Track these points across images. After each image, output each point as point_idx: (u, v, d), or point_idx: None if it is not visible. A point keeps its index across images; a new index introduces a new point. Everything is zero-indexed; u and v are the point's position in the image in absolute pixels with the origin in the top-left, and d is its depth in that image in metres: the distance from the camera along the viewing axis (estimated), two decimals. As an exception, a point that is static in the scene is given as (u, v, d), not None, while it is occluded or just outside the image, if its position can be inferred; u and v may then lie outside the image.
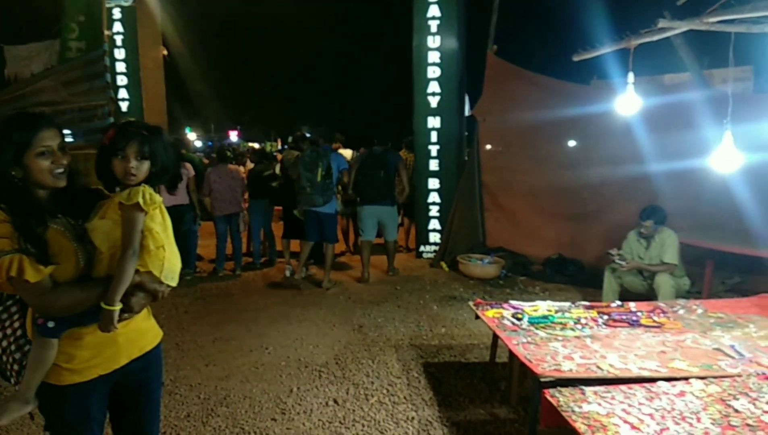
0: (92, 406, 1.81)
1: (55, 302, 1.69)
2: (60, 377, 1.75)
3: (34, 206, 1.70)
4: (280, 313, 5.68)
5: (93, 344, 1.77)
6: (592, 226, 7.03)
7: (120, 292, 1.70)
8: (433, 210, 8.12)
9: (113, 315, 1.69)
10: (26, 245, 1.63)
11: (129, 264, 1.70)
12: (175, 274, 1.85)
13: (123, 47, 9.12)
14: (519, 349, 3.13)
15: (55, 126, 1.73)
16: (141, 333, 1.93)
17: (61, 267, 1.70)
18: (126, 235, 1.70)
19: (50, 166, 1.70)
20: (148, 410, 2.02)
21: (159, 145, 1.79)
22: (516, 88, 7.51)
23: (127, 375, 1.90)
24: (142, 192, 1.72)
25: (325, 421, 3.43)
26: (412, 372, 4.14)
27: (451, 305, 5.88)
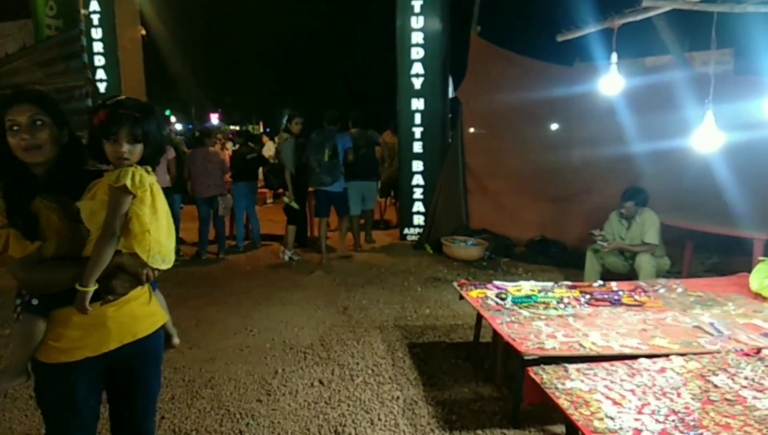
0: (79, 387, 1.77)
1: (36, 279, 1.69)
2: (48, 355, 1.75)
3: (23, 182, 1.70)
4: (264, 296, 5.66)
5: (81, 325, 1.73)
6: (574, 208, 7.09)
7: (94, 274, 1.65)
8: (417, 192, 8.10)
9: (86, 296, 1.65)
10: (14, 219, 1.63)
11: (106, 245, 1.65)
12: (166, 257, 1.79)
13: (100, 26, 8.91)
14: (503, 328, 3.17)
15: (29, 101, 1.69)
16: (135, 318, 1.86)
17: (50, 244, 1.70)
18: (108, 215, 1.65)
19: (19, 142, 1.67)
20: (142, 398, 1.96)
21: (152, 126, 1.72)
22: (499, 70, 7.49)
23: (119, 360, 1.85)
24: (132, 173, 1.66)
25: (311, 401, 3.44)
26: (397, 352, 4.16)
27: (435, 287, 5.91)
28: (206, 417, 3.27)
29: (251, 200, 7.93)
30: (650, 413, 2.18)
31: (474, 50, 7.57)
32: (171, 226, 1.84)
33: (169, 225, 1.82)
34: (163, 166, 6.59)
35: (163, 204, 1.80)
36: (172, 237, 1.84)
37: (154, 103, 1.88)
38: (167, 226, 1.81)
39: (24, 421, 3.23)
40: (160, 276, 1.86)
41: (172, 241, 1.84)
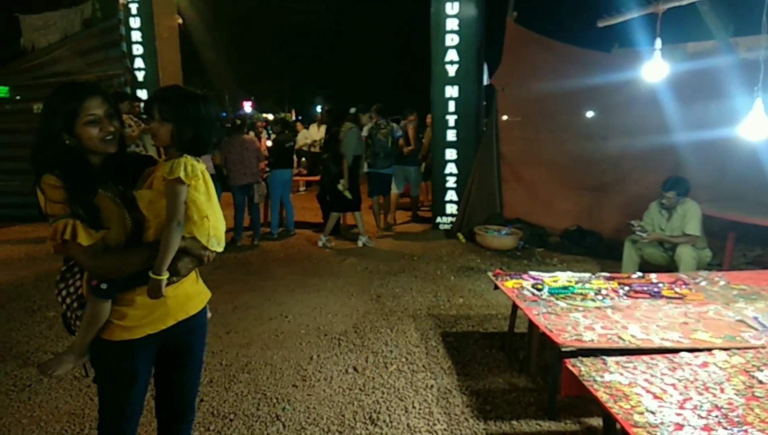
0: (139, 363, 1.88)
1: (105, 265, 1.77)
2: (112, 333, 1.83)
3: (85, 173, 1.76)
4: (298, 283, 5.73)
5: (144, 305, 1.83)
6: (611, 197, 6.95)
7: (166, 262, 1.76)
8: (450, 181, 8.06)
9: (161, 284, 1.76)
10: (78, 210, 1.70)
11: (173, 235, 1.75)
12: (220, 239, 1.91)
13: (138, 16, 9.04)
14: (539, 319, 3.13)
15: (99, 94, 1.77)
16: (188, 297, 1.98)
17: (111, 231, 1.78)
18: (169, 207, 1.75)
19: (98, 134, 1.75)
20: (189, 373, 2.06)
21: (190, 110, 1.78)
22: (536, 56, 7.36)
23: (173, 336, 1.95)
24: (184, 164, 1.75)
25: (345, 387, 3.48)
26: (430, 341, 4.17)
27: (468, 276, 5.88)
28: (243, 401, 3.33)
29: (287, 188, 8.00)
30: (692, 408, 2.14)
31: (510, 36, 7.45)
32: (221, 211, 1.95)
33: (220, 210, 1.94)
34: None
35: (213, 189, 1.90)
36: (223, 221, 1.95)
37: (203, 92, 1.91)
38: (220, 212, 1.93)
39: (69, 401, 3.35)
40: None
41: (223, 224, 1.95)
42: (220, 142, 1.93)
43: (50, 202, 1.70)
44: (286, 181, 7.98)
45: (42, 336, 4.33)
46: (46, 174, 1.71)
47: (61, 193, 1.70)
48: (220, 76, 28.97)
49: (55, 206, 1.70)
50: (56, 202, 1.70)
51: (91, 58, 8.70)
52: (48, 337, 4.31)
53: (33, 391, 3.46)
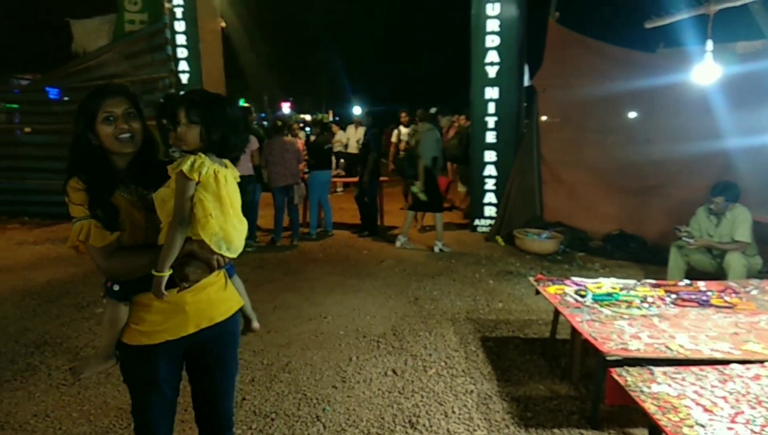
0: (161, 368, 1.87)
1: (116, 266, 1.77)
2: (131, 337, 1.84)
3: (105, 173, 1.79)
4: (337, 283, 5.77)
5: (161, 310, 1.81)
6: (656, 201, 6.78)
7: (167, 260, 1.69)
8: (489, 183, 7.99)
9: (161, 281, 1.69)
10: (97, 211, 1.73)
11: (175, 232, 1.69)
12: (231, 244, 1.78)
13: (183, 19, 9.26)
14: (583, 326, 3.08)
15: (122, 94, 1.79)
16: (212, 303, 1.93)
17: (128, 234, 1.78)
18: (174, 203, 1.70)
19: (113, 131, 1.76)
20: (220, 381, 2.02)
21: (216, 112, 1.75)
22: (578, 57, 7.24)
23: (198, 343, 1.93)
24: (193, 160, 1.69)
25: (385, 390, 3.49)
26: (469, 345, 4.14)
27: (508, 280, 5.83)
28: (284, 400, 3.38)
29: (325, 189, 8.07)
30: (744, 423, 2.07)
31: (552, 37, 7.35)
32: (241, 216, 1.84)
33: (238, 214, 1.82)
34: (247, 155, 6.81)
35: (233, 193, 1.81)
36: (242, 226, 1.84)
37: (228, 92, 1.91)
38: (236, 215, 1.81)
39: (117, 395, 3.45)
40: (238, 261, 1.90)
41: (240, 230, 1.83)
42: (246, 143, 1.89)
43: (72, 205, 1.75)
44: (325, 183, 8.06)
45: (91, 332, 4.47)
46: (72, 177, 1.76)
47: (82, 196, 1.74)
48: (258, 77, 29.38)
49: (76, 208, 1.75)
50: (77, 205, 1.74)
51: (138, 61, 8.96)
52: (96, 332, 4.44)
53: (82, 385, 3.57)
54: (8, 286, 5.67)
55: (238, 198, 1.84)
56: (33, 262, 6.58)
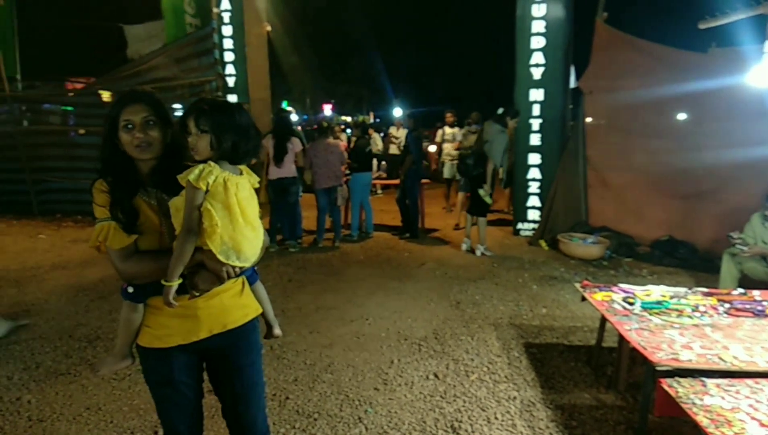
0: (175, 371, 1.89)
1: (131, 269, 1.80)
2: (145, 339, 1.89)
3: (129, 177, 1.82)
4: (378, 285, 5.79)
5: (173, 314, 1.81)
6: (707, 207, 6.56)
7: (176, 269, 1.70)
8: (533, 186, 7.89)
9: (169, 290, 1.70)
10: (117, 213, 1.77)
11: (183, 241, 1.70)
12: (241, 253, 1.75)
13: (230, 24, 9.46)
14: (632, 335, 3.00)
15: (143, 101, 1.80)
16: (225, 309, 1.91)
17: (146, 238, 1.81)
18: (184, 212, 1.71)
19: (131, 140, 1.78)
20: (241, 388, 1.99)
21: (225, 120, 1.74)
22: (626, 58, 7.08)
23: (211, 349, 1.94)
24: (201, 169, 1.68)
25: (426, 394, 3.48)
26: (512, 351, 4.09)
27: (552, 285, 5.73)
28: (327, 401, 3.41)
29: (366, 191, 8.11)
30: (804, 440, 1.99)
31: (599, 37, 7.21)
32: (254, 224, 1.81)
33: (251, 222, 1.79)
34: (290, 157, 6.91)
35: (246, 201, 1.78)
36: (255, 235, 1.81)
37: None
38: (248, 224, 1.78)
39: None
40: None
41: (252, 239, 1.80)
42: (257, 149, 1.86)
43: (96, 206, 1.80)
44: (366, 185, 8.10)
45: (117, 330, 4.59)
46: (99, 179, 1.82)
47: (105, 198, 1.79)
48: (300, 79, 29.71)
49: (99, 209, 1.80)
50: (100, 206, 1.80)
51: (186, 65, 9.18)
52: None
53: (132, 380, 3.68)
54: (63, 282, 5.90)
55: (254, 205, 1.83)
56: (86, 260, 6.82)
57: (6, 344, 4.27)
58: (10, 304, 5.19)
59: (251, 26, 9.73)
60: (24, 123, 10.38)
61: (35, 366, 3.91)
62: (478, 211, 6.98)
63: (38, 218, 9.62)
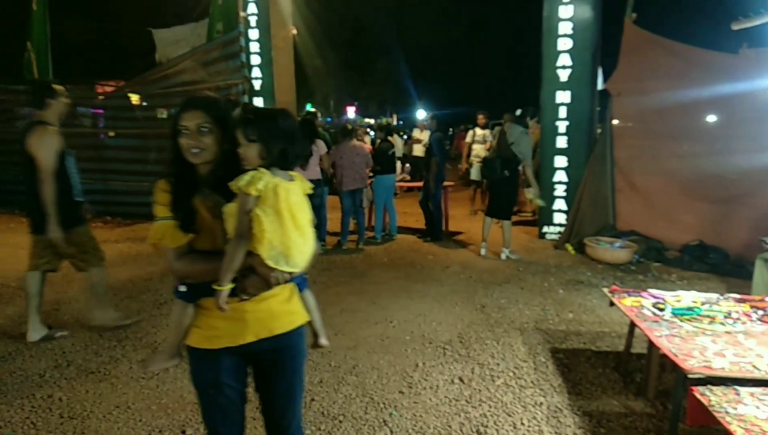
0: (221, 372, 1.91)
1: (184, 268, 1.85)
2: (194, 340, 1.91)
3: (188, 178, 1.87)
4: (402, 288, 5.78)
5: (221, 316, 1.81)
6: (739, 211, 6.42)
7: (227, 274, 1.72)
8: (559, 189, 7.80)
9: (220, 294, 1.73)
10: (176, 213, 1.82)
11: (234, 246, 1.72)
12: (290, 258, 1.75)
13: (257, 27, 9.54)
14: (662, 341, 2.95)
15: (199, 108, 1.84)
16: (272, 314, 1.92)
17: (201, 238, 1.85)
18: (236, 218, 1.73)
19: (185, 144, 1.82)
20: (278, 393, 2.02)
21: (270, 128, 1.78)
22: (655, 59, 6.97)
23: (256, 353, 1.95)
24: (251, 175, 1.72)
25: (452, 398, 3.46)
26: (539, 356, 4.05)
27: (578, 290, 5.66)
28: (351, 403, 3.41)
29: (390, 193, 8.12)
30: (844, 452, 1.93)
31: (628, 38, 7.12)
32: (304, 230, 1.82)
33: (301, 228, 1.80)
34: (315, 159, 6.95)
35: (296, 207, 1.79)
36: (305, 241, 1.82)
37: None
38: (298, 229, 1.78)
39: (193, 391, 3.52)
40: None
41: (301, 244, 1.80)
42: (306, 152, 1.89)
43: (156, 204, 1.86)
44: (390, 187, 8.10)
45: (168, 328, 4.66)
46: (162, 179, 1.87)
47: (165, 197, 1.85)
48: (325, 81, 29.89)
49: (159, 208, 1.85)
50: (160, 205, 1.85)
51: (213, 69, 9.29)
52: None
53: (160, 379, 3.74)
54: (93, 281, 6.01)
55: (305, 211, 1.83)
56: (115, 260, 6.93)
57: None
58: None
59: (277, 30, 9.80)
60: (56, 125, 10.61)
61: (66, 364, 3.99)
62: (502, 213, 6.92)
63: (69, 219, 9.82)
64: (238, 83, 8.86)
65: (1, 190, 10.92)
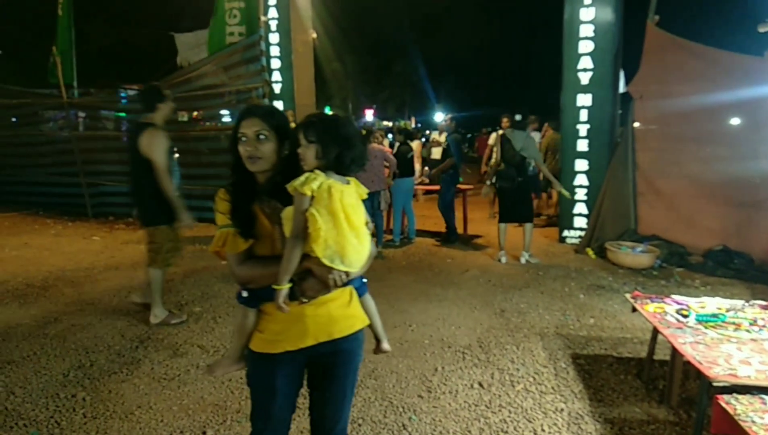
0: (279, 378, 1.93)
1: (245, 273, 1.89)
2: (256, 344, 1.95)
3: (247, 185, 1.92)
4: (420, 291, 5.77)
5: (282, 320, 1.85)
6: (764, 216, 6.32)
7: (285, 274, 1.75)
8: (579, 193, 7.73)
9: (279, 293, 1.76)
10: (235, 220, 1.87)
11: (291, 246, 1.76)
12: (346, 258, 1.77)
13: (277, 32, 9.61)
14: (686, 349, 2.91)
15: (257, 115, 1.89)
16: (332, 318, 1.94)
17: (261, 243, 1.90)
18: (293, 219, 1.77)
19: (243, 151, 1.87)
20: (328, 397, 2.03)
21: (329, 132, 1.80)
22: (678, 61, 6.88)
23: (316, 357, 1.97)
24: (306, 176, 1.75)
25: (471, 403, 3.44)
26: (559, 362, 4.01)
27: (599, 295, 5.60)
28: (371, 407, 3.41)
29: (408, 197, 8.12)
30: None
31: (650, 41, 7.03)
32: (359, 231, 1.82)
33: (356, 229, 1.80)
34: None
35: (351, 209, 1.80)
36: (360, 242, 1.82)
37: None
38: (353, 230, 1.79)
39: (213, 392, 3.61)
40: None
41: (356, 244, 1.81)
42: (362, 159, 1.89)
43: (217, 213, 1.91)
44: (408, 190, 8.11)
45: (189, 330, 4.71)
46: (222, 188, 1.92)
47: (225, 206, 1.91)
48: (343, 84, 30.00)
49: (219, 217, 1.92)
50: (220, 213, 1.92)
51: (234, 72, 9.36)
52: (194, 330, 4.69)
53: (181, 380, 3.77)
54: (116, 283, 6.10)
55: (359, 214, 1.84)
56: (137, 261, 7.01)
57: (62, 341, 4.43)
58: (66, 303, 5.39)
59: (297, 34, 9.86)
60: (79, 128, 10.80)
61: (89, 364, 4.04)
62: (524, 217, 6.90)
63: (92, 220, 9.99)
64: (258, 87, 8.91)
65: (25, 192, 11.16)
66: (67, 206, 10.62)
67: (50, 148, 10.94)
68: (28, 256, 7.33)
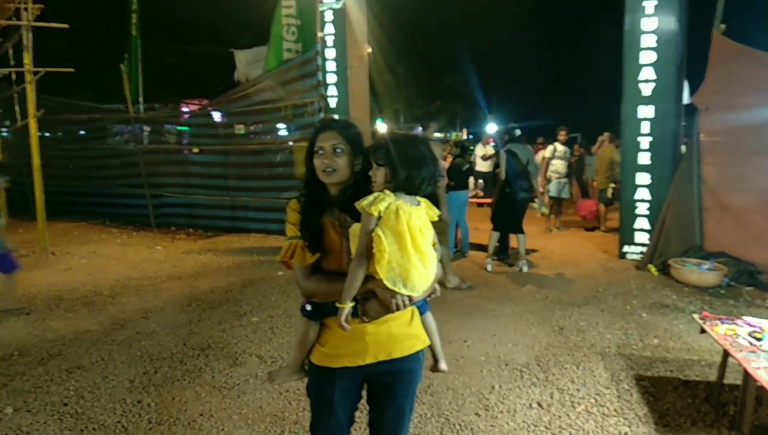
0: (336, 392, 1.95)
1: (311, 287, 1.92)
2: (316, 357, 1.98)
3: (319, 198, 1.95)
4: (475, 307, 5.70)
5: (343, 336, 1.84)
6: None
7: (349, 292, 1.76)
8: (641, 208, 7.48)
9: (341, 312, 1.76)
10: (304, 232, 1.90)
11: (356, 265, 1.76)
12: (408, 281, 1.75)
13: (334, 47, 9.79)
14: (761, 374, 2.77)
15: (334, 129, 1.93)
16: (392, 338, 1.94)
17: (329, 257, 1.92)
18: (359, 238, 1.78)
19: (319, 164, 1.91)
20: (387, 416, 2.03)
21: (398, 153, 1.79)
22: (746, 71, 6.59)
23: (374, 375, 1.98)
24: (375, 196, 1.76)
25: (530, 423, 3.37)
26: (622, 383, 3.88)
27: (663, 314, 5.38)
28: (427, 423, 3.39)
29: (463, 210, 8.06)
30: None
31: (716, 50, 6.77)
32: (425, 254, 1.79)
33: (422, 252, 1.78)
34: None
35: (419, 231, 1.78)
36: (426, 265, 1.80)
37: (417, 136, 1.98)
38: (418, 253, 1.77)
39: (271, 402, 3.67)
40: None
41: (421, 269, 1.78)
42: (433, 179, 1.86)
43: (287, 223, 1.95)
44: (462, 203, 8.05)
45: (247, 339, 4.82)
46: (293, 199, 1.96)
47: (295, 217, 1.94)
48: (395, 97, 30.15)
49: (290, 227, 1.95)
50: (291, 224, 1.95)
51: (291, 87, 9.59)
52: (252, 340, 4.79)
53: (240, 390, 3.86)
54: (177, 292, 6.30)
55: (427, 237, 1.83)
56: (197, 271, 7.25)
57: (128, 348, 4.61)
58: (132, 311, 5.61)
59: (352, 48, 10.01)
60: (144, 142, 11.29)
61: (154, 371, 4.19)
62: (519, 228, 7.36)
63: (155, 230, 10.37)
64: (314, 101, 9.09)
65: (92, 203, 11.72)
66: (131, 216, 11.10)
67: (116, 160, 11.51)
68: (95, 265, 7.67)
